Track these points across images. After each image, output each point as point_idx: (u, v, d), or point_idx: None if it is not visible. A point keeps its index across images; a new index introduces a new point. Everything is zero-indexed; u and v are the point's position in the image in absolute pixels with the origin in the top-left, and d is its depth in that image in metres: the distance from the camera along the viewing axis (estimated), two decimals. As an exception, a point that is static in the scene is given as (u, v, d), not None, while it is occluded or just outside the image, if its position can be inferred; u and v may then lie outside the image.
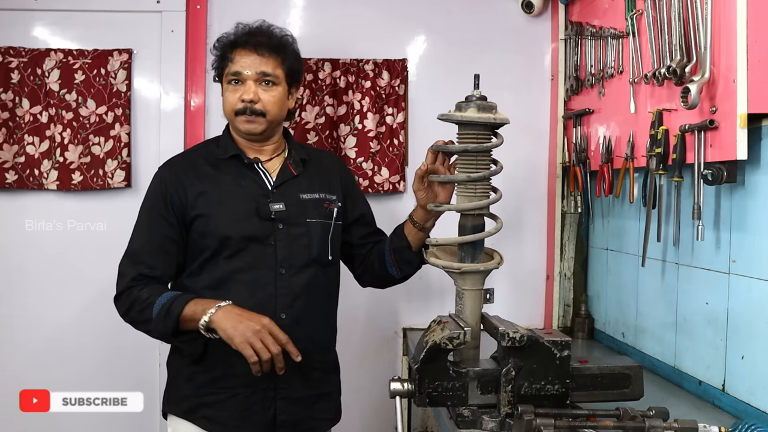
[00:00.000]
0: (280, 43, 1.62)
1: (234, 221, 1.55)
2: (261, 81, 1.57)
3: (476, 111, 1.37)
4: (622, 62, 1.97)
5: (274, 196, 1.59)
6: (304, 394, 1.59)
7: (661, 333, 1.88)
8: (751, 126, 1.38)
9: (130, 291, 1.53)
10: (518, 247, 2.48)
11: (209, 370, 1.56)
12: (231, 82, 1.58)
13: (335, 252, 1.66)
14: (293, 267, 1.57)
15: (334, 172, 1.73)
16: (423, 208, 1.58)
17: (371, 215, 1.80)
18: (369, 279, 1.78)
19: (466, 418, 1.31)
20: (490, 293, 1.41)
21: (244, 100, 1.55)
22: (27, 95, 2.34)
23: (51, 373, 2.40)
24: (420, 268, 1.70)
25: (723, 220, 1.58)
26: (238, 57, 1.57)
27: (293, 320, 1.55)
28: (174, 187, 1.58)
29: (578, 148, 2.25)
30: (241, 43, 1.59)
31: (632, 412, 1.23)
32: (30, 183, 2.35)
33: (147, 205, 1.61)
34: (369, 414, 2.05)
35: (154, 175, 1.65)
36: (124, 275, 1.55)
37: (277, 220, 1.57)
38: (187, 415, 1.58)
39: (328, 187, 1.68)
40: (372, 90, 2.42)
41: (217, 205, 1.57)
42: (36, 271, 2.41)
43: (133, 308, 1.51)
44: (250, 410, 1.55)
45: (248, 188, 1.60)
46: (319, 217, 1.63)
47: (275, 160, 1.66)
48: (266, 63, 1.57)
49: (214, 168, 1.61)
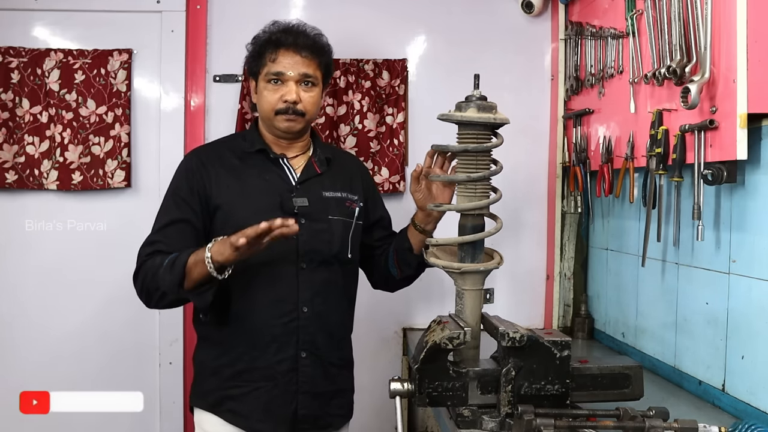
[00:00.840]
0: (320, 44, 1.64)
1: (257, 214, 1.54)
2: (302, 82, 1.59)
3: (476, 111, 1.37)
4: (622, 62, 1.97)
5: (298, 191, 1.62)
6: (323, 389, 1.61)
7: (661, 333, 1.88)
8: (751, 126, 1.38)
9: (144, 265, 1.53)
10: (518, 247, 2.48)
11: (233, 363, 1.58)
12: (271, 81, 1.60)
13: (354, 250, 1.68)
14: (314, 262, 1.59)
15: (356, 174, 1.76)
16: (422, 210, 1.59)
17: (389, 219, 1.83)
18: (378, 279, 1.81)
19: (466, 418, 1.31)
20: (490, 293, 1.41)
21: (287, 101, 1.58)
22: (27, 95, 2.34)
23: (51, 374, 2.40)
24: (421, 271, 1.72)
25: (723, 220, 1.58)
26: (281, 57, 1.59)
27: (314, 314, 1.58)
28: (200, 173, 1.60)
29: (578, 148, 2.25)
30: (284, 44, 1.60)
31: (632, 412, 1.23)
32: (30, 183, 2.35)
33: (171, 190, 1.62)
34: (369, 414, 2.05)
35: (180, 162, 1.67)
36: (141, 253, 1.57)
37: (299, 215, 1.58)
38: (213, 409, 1.60)
39: (350, 187, 1.70)
40: (372, 90, 2.42)
41: (241, 196, 1.59)
42: (36, 271, 2.41)
43: (146, 277, 1.51)
44: (272, 404, 1.57)
45: (273, 182, 1.62)
46: (341, 215, 1.65)
47: (300, 158, 1.68)
48: (308, 65, 1.60)
49: (240, 160, 1.64)
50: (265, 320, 1.56)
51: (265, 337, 1.56)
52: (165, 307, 1.59)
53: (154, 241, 1.56)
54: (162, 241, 1.55)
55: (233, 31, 2.45)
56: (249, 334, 1.57)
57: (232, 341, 1.58)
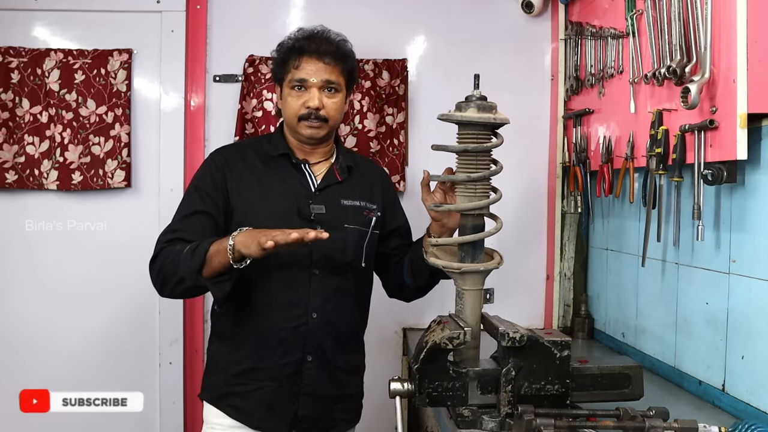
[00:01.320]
0: (344, 51, 1.65)
1: (273, 217, 1.57)
2: (324, 88, 1.61)
3: (476, 111, 1.37)
4: (622, 62, 1.97)
5: (317, 198, 1.62)
6: (327, 392, 1.62)
7: (661, 333, 1.88)
8: (751, 126, 1.38)
9: (163, 251, 1.53)
10: (518, 247, 2.48)
11: (241, 361, 1.59)
12: (294, 87, 1.61)
13: (369, 259, 1.69)
14: (327, 269, 1.60)
15: (377, 182, 1.76)
16: (436, 220, 1.58)
17: (408, 228, 1.82)
18: (392, 287, 1.82)
19: (466, 418, 1.31)
20: (490, 293, 1.41)
21: (310, 107, 1.59)
22: (27, 95, 2.34)
23: (51, 373, 2.40)
24: (435, 282, 1.71)
25: (723, 220, 1.58)
26: (304, 64, 1.60)
27: (323, 320, 1.59)
28: (223, 171, 1.62)
29: (578, 148, 2.25)
30: (307, 51, 1.61)
31: (632, 412, 1.23)
32: (30, 183, 2.35)
33: (194, 184, 1.64)
34: (369, 414, 2.05)
35: (205, 159, 1.69)
36: (160, 240, 1.57)
37: (316, 222, 1.59)
38: (217, 402, 1.63)
39: (369, 196, 1.71)
40: (372, 90, 2.42)
41: (260, 198, 1.60)
42: (36, 271, 2.41)
43: (165, 263, 1.51)
44: (275, 403, 1.58)
45: (292, 187, 1.63)
46: (357, 224, 1.65)
47: (323, 164, 1.69)
48: (331, 71, 1.61)
49: (263, 163, 1.66)
50: (275, 323, 1.57)
51: (272, 339, 1.57)
52: (178, 296, 1.59)
53: (176, 229, 1.57)
54: (183, 230, 1.56)
55: (233, 31, 2.45)
56: (258, 335, 1.58)
57: (241, 340, 1.60)
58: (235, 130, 2.39)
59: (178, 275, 1.48)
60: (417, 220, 1.86)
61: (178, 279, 1.49)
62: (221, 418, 1.61)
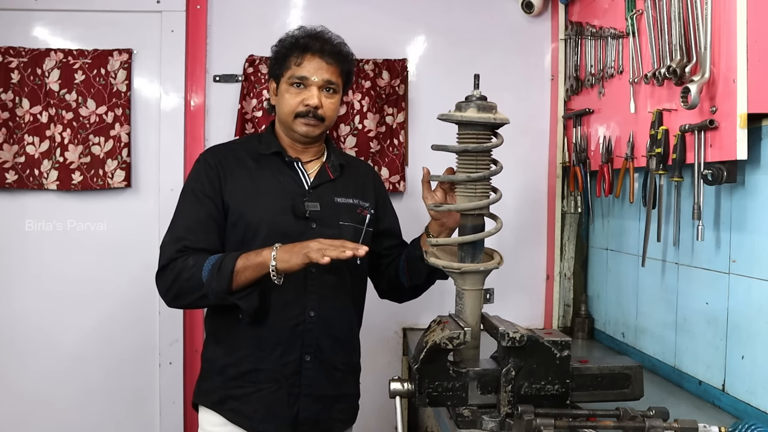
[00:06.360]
0: (344, 52, 1.66)
1: (268, 215, 1.58)
2: (324, 88, 1.61)
3: (476, 111, 1.37)
4: (622, 62, 1.97)
5: (311, 195, 1.63)
6: (325, 393, 1.62)
7: (661, 333, 1.88)
8: (751, 126, 1.38)
9: (174, 263, 1.52)
10: (518, 247, 2.48)
11: (239, 364, 1.58)
12: (294, 84, 1.61)
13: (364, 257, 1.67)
14: (323, 267, 1.57)
15: (369, 181, 1.77)
16: (436, 219, 1.59)
17: (399, 228, 1.83)
18: (386, 288, 1.81)
19: (466, 418, 1.30)
20: (490, 293, 1.41)
21: (308, 105, 1.59)
22: (27, 95, 2.34)
23: (51, 373, 2.40)
24: (431, 282, 1.72)
25: (723, 220, 1.58)
26: (307, 62, 1.60)
27: (320, 319, 1.59)
28: (216, 170, 1.61)
29: (578, 148, 2.25)
30: (311, 49, 1.61)
31: (632, 412, 1.23)
32: (30, 183, 2.35)
33: (189, 188, 1.62)
34: (369, 414, 2.05)
35: (196, 161, 1.67)
36: (167, 250, 1.56)
37: (311, 220, 1.59)
38: (215, 407, 1.61)
39: (362, 194, 1.71)
40: (372, 90, 2.42)
41: (254, 197, 1.60)
42: (36, 271, 2.41)
43: (180, 278, 1.51)
44: (275, 405, 1.57)
45: (286, 185, 1.63)
46: (352, 221, 1.66)
47: (314, 163, 1.70)
48: (332, 72, 1.61)
49: (255, 162, 1.65)
50: (272, 323, 1.57)
51: (271, 340, 1.57)
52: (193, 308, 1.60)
53: (181, 237, 1.56)
54: (189, 238, 1.55)
55: (233, 31, 2.45)
56: (255, 336, 1.57)
57: (239, 342, 1.59)
58: (235, 130, 2.39)
59: (200, 292, 1.49)
60: (417, 220, 1.86)
61: (199, 296, 1.50)
62: (219, 427, 1.59)
